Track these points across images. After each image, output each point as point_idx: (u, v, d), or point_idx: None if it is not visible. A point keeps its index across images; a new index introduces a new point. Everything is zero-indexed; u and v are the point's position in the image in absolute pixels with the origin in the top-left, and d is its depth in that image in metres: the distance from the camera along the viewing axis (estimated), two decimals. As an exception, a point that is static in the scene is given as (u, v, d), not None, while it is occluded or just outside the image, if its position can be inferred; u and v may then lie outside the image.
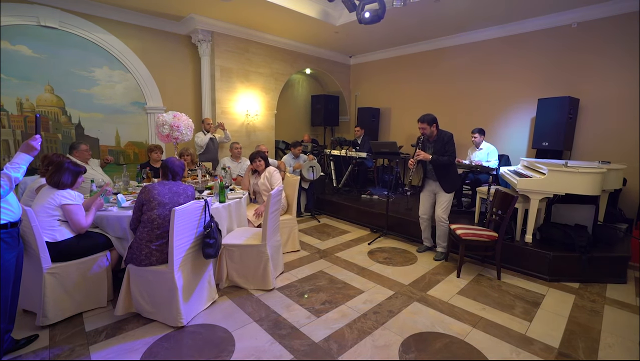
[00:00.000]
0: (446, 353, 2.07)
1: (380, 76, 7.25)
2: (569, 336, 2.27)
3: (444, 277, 3.19)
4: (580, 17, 4.58)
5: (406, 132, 6.77)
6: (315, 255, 3.71)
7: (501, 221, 3.16)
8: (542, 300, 2.78)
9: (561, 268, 3.16)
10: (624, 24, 4.27)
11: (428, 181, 3.64)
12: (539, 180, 3.32)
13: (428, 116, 3.41)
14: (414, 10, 4.58)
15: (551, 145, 4.62)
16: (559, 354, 2.08)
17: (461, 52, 5.89)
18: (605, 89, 4.51)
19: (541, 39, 4.98)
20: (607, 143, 4.51)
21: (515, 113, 5.38)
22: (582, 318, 2.51)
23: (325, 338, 2.20)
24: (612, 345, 2.19)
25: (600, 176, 3.15)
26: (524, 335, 2.28)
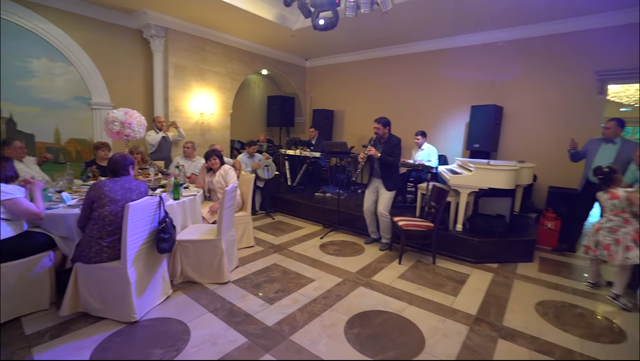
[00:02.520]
0: (385, 326, 2.37)
1: (334, 80, 7.59)
2: (484, 305, 2.71)
3: (388, 264, 3.54)
4: (506, 37, 5.28)
5: (358, 134, 7.17)
6: (270, 250, 3.87)
7: (436, 213, 3.58)
8: (467, 279, 3.23)
9: (484, 252, 3.67)
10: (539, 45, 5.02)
11: (373, 179, 3.99)
12: (467, 176, 3.82)
13: (384, 118, 3.79)
14: (364, 20, 4.92)
15: (482, 147, 5.25)
16: (475, 319, 2.49)
17: (407, 62, 6.42)
18: (524, 100, 5.24)
19: (474, 53, 5.63)
20: (525, 145, 5.24)
21: (453, 118, 6.01)
22: (496, 291, 2.99)
23: (278, 322, 2.39)
24: (516, 310, 2.66)
25: (514, 172, 3.72)
26: (450, 307, 2.67)
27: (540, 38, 5.01)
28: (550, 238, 4.20)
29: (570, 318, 2.59)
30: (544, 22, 4.85)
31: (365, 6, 3.91)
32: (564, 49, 4.86)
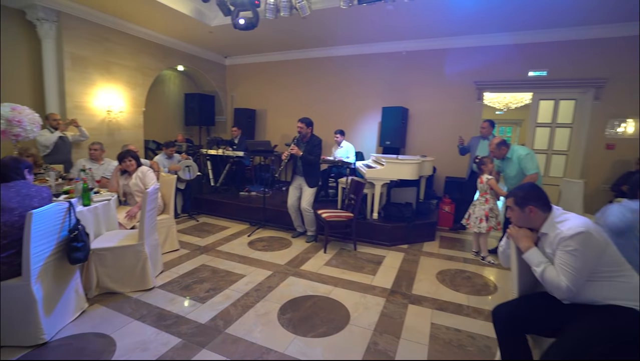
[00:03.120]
0: (314, 308, 2.60)
1: (256, 79, 7.59)
2: (397, 280, 3.17)
3: (314, 254, 3.80)
4: (409, 48, 6.03)
5: (281, 133, 7.33)
6: (196, 252, 3.79)
7: (355, 204, 3.97)
8: (384, 260, 3.69)
9: (396, 235, 4.21)
10: (433, 56, 5.88)
11: (296, 176, 4.21)
12: (381, 170, 4.31)
13: (307, 119, 4.02)
14: (285, 22, 5.06)
15: (392, 143, 5.91)
16: (390, 292, 2.90)
17: (328, 64, 6.81)
18: (424, 102, 6.08)
19: (383, 60, 6.30)
20: (426, 141, 6.08)
21: (367, 118, 6.61)
22: (407, 267, 3.50)
23: (211, 318, 2.42)
24: (422, 280, 3.18)
25: (418, 165, 4.34)
26: (369, 285, 3.05)
27: (434, 51, 5.87)
28: (447, 220, 5.02)
29: (461, 281, 3.20)
30: (436, 38, 5.70)
31: (284, 10, 4.08)
32: (451, 61, 5.79)
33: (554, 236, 1.55)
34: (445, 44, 5.75)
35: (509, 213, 1.75)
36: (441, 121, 5.97)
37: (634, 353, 1.38)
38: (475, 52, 5.62)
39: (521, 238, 1.67)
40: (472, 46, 5.61)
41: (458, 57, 5.74)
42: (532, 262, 1.60)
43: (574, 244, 1.45)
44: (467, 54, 5.68)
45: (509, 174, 3.67)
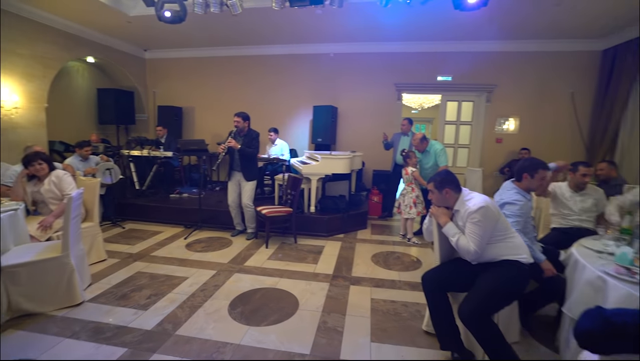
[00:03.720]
0: (264, 299, 2.70)
1: (183, 75, 7.18)
2: (338, 266, 3.44)
3: (256, 250, 3.86)
4: (336, 50, 6.38)
5: (212, 132, 7.09)
6: (129, 260, 3.53)
7: (293, 199, 4.14)
8: (323, 249, 3.94)
9: (333, 226, 4.51)
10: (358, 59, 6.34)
11: (234, 172, 4.20)
12: (316, 165, 4.55)
13: (244, 113, 4.07)
14: (215, 18, 4.90)
15: (324, 140, 6.22)
16: (332, 277, 3.15)
17: (260, 62, 6.80)
18: (351, 102, 6.52)
19: (313, 60, 6.55)
20: (355, 138, 6.54)
21: (300, 116, 6.81)
22: (345, 253, 3.80)
23: (158, 323, 2.34)
24: (359, 264, 3.51)
25: (349, 160, 4.69)
26: (313, 273, 3.25)
27: (359, 54, 6.34)
28: (377, 209, 5.52)
29: (392, 261, 3.62)
30: (361, 42, 6.17)
31: (214, 6, 4.01)
32: (374, 64, 6.33)
33: (464, 212, 1.94)
34: (370, 48, 6.26)
35: (430, 195, 2.10)
36: (367, 118, 6.49)
37: (520, 288, 1.88)
38: (395, 57, 6.25)
39: (440, 215, 2.04)
40: (393, 52, 6.22)
41: (381, 61, 6.31)
42: (449, 233, 1.97)
43: (478, 216, 1.85)
44: (388, 58, 6.27)
45: (426, 165, 4.28)
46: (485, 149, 6.27)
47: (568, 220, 2.86)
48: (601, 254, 1.94)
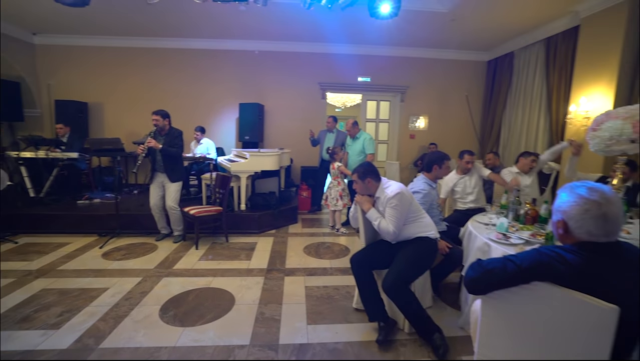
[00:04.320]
0: (198, 300, 2.64)
1: (88, 65, 6.35)
2: (272, 260, 3.52)
3: (185, 252, 3.70)
4: (260, 47, 6.36)
5: (127, 130, 6.44)
6: (27, 278, 3.06)
7: (222, 198, 4.06)
8: (256, 246, 3.96)
9: (264, 222, 4.55)
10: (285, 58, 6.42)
11: (157, 174, 3.94)
12: (245, 163, 4.53)
13: (162, 111, 3.81)
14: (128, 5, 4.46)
15: (251, 138, 6.18)
16: (267, 271, 3.22)
17: (182, 56, 6.41)
18: (278, 99, 6.59)
19: (238, 57, 6.43)
20: (283, 135, 6.64)
21: (226, 114, 6.63)
22: (277, 248, 3.90)
23: (76, 340, 2.12)
24: (292, 256, 3.64)
25: (278, 157, 4.78)
26: (247, 269, 3.28)
27: (284, 53, 6.45)
28: (306, 203, 5.72)
29: (323, 251, 3.84)
30: (286, 41, 6.27)
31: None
32: (299, 63, 6.51)
33: (383, 198, 2.20)
34: (295, 47, 6.41)
35: (354, 185, 2.33)
36: (294, 116, 6.65)
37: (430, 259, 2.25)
38: (319, 57, 6.51)
39: (364, 203, 2.28)
40: (317, 52, 6.47)
41: (305, 60, 6.51)
42: (372, 218, 2.22)
43: (395, 201, 2.13)
44: (312, 58, 6.51)
45: (354, 152, 4.72)
46: (401, 144, 6.97)
47: (467, 201, 3.42)
48: (487, 226, 2.40)
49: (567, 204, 1.17)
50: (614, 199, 1.12)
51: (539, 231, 2.23)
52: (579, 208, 1.13)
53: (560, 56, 4.91)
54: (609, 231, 1.11)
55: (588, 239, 1.13)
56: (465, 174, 3.43)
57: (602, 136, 2.17)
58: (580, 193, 1.14)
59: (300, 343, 2.13)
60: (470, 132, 7.00)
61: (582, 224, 1.13)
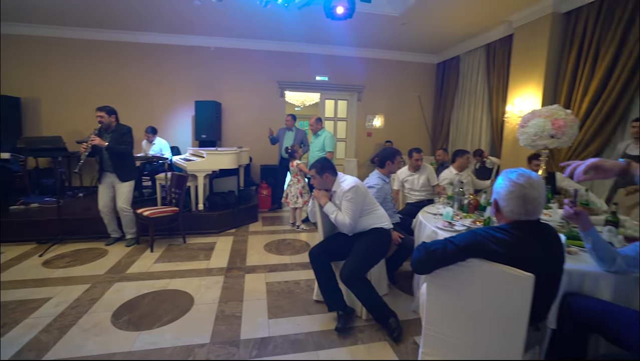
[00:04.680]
0: (155, 303, 2.55)
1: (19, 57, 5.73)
2: (232, 259, 3.48)
3: (139, 256, 3.53)
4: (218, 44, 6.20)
5: (69, 128, 5.92)
6: (-47, 292, 2.75)
7: (179, 198, 3.93)
8: (215, 245, 3.89)
9: (224, 222, 4.47)
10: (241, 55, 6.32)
11: (105, 173, 3.71)
12: (202, 162, 4.42)
13: (108, 107, 3.59)
14: None
15: (208, 136, 6.01)
16: (227, 269, 3.19)
17: (132, 50, 6.05)
18: (236, 97, 6.48)
19: (194, 53, 6.21)
20: (242, 133, 6.54)
21: (180, 112, 6.38)
22: (238, 247, 3.86)
23: (14, 354, 1.96)
24: (252, 254, 3.63)
25: (236, 155, 4.72)
26: (206, 268, 3.22)
27: (242, 50, 6.35)
28: (266, 202, 5.70)
29: (284, 247, 3.87)
30: (243, 38, 6.18)
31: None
32: (257, 61, 6.45)
33: (340, 192, 2.30)
34: (252, 45, 6.35)
35: (312, 180, 2.40)
36: (252, 114, 6.58)
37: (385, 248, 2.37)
38: (277, 56, 6.51)
39: (321, 197, 2.36)
40: (275, 50, 6.46)
41: (264, 58, 6.47)
42: (329, 211, 2.30)
43: (350, 194, 2.23)
44: (271, 56, 6.49)
45: (315, 148, 4.82)
46: (358, 142, 7.19)
47: (415, 195, 3.65)
48: (435, 216, 2.60)
49: (500, 187, 1.37)
50: (536, 184, 1.30)
51: (479, 218, 2.46)
52: (506, 189, 1.33)
53: (499, 61, 5.39)
54: (528, 210, 1.29)
55: (512, 217, 1.32)
56: (416, 171, 3.66)
57: (529, 132, 2.45)
58: (511, 177, 1.34)
59: (261, 337, 2.16)
60: (423, 130, 7.41)
61: (507, 203, 1.32)
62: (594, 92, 3.85)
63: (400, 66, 7.08)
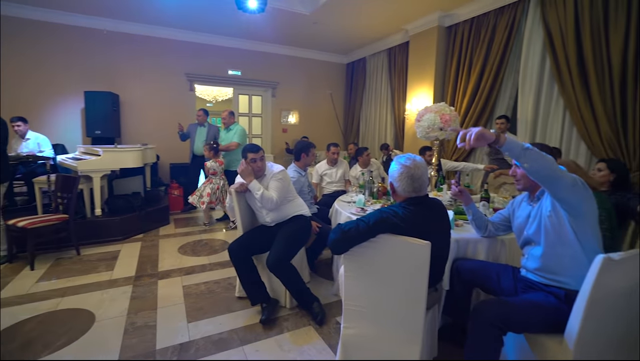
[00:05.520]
0: (42, 328, 2.15)
1: None
2: (141, 266, 3.15)
3: (15, 276, 2.92)
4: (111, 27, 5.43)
5: None
6: None
7: (68, 203, 3.37)
8: (119, 254, 3.46)
9: (128, 227, 4.00)
10: (141, 41, 5.67)
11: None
12: (97, 160, 3.86)
13: None
14: None
15: (104, 133, 5.26)
16: (135, 278, 2.88)
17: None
18: (137, 89, 5.80)
19: (82, 35, 5.34)
20: (146, 129, 5.90)
21: (64, 103, 5.43)
22: (147, 252, 3.50)
23: None
24: (165, 258, 3.35)
25: (141, 153, 4.26)
26: (110, 280, 2.84)
27: (143, 37, 5.70)
28: (178, 203, 5.28)
29: (200, 248, 3.67)
30: (143, 23, 5.56)
31: None
32: (162, 50, 5.88)
33: (269, 175, 2.36)
34: (156, 32, 5.76)
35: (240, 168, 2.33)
36: (158, 109, 6.01)
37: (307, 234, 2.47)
38: (185, 46, 6.05)
39: (246, 175, 2.31)
40: (182, 40, 5.99)
41: (170, 47, 5.94)
42: (255, 189, 2.27)
43: (280, 175, 2.34)
44: (178, 46, 5.99)
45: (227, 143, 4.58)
46: (274, 138, 7.20)
47: (332, 187, 3.86)
48: (349, 203, 2.79)
49: (393, 170, 1.60)
50: (419, 164, 1.56)
51: (387, 202, 2.74)
52: (398, 171, 1.56)
53: (398, 64, 6.01)
54: (416, 187, 1.54)
55: (405, 195, 1.56)
56: (334, 165, 3.88)
57: (423, 125, 2.82)
58: (401, 161, 1.58)
59: (180, 343, 2.02)
60: (336, 126, 7.82)
61: (400, 184, 1.55)
62: (470, 94, 4.63)
63: (313, 64, 7.32)
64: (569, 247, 1.45)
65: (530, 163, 1.34)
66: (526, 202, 1.70)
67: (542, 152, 1.35)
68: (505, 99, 4.41)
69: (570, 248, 1.44)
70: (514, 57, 4.24)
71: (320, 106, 7.56)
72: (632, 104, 3.12)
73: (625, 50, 3.12)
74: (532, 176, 1.40)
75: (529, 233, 1.60)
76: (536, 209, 1.58)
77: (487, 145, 1.42)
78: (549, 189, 1.42)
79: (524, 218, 1.67)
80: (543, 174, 1.36)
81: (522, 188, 1.64)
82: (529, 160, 1.34)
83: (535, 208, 1.59)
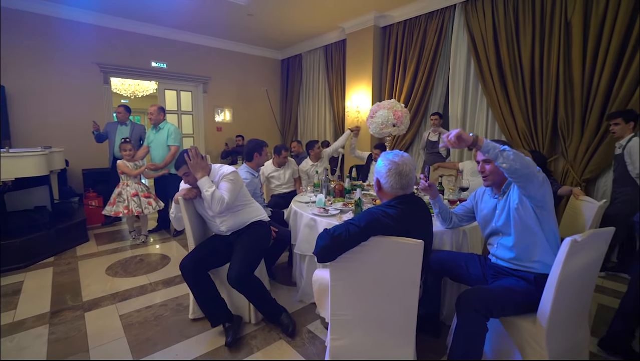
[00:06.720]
0: None
1: None
2: (56, 297, 2.55)
3: None
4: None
5: None
6: None
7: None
8: (22, 286, 2.77)
9: (33, 250, 3.24)
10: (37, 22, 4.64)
11: None
12: (-19, 170, 3.02)
13: None
14: None
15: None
16: (51, 314, 2.31)
17: None
18: (30, 81, 4.75)
19: None
20: (48, 131, 4.87)
21: None
22: (63, 280, 2.87)
23: None
24: (90, 284, 2.78)
25: (44, 157, 3.48)
26: (14, 322, 2.23)
27: (32, 14, 4.68)
28: (98, 215, 4.48)
29: (135, 266, 3.15)
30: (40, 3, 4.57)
31: None
32: (65, 33, 4.92)
33: (219, 175, 2.08)
34: (54, 11, 4.77)
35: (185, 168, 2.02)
36: (65, 104, 5.05)
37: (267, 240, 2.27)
38: (97, 31, 5.16)
39: (198, 171, 2.00)
40: (93, 24, 5.09)
41: (75, 31, 4.99)
42: (205, 186, 1.98)
43: (231, 176, 2.07)
44: (87, 30, 5.07)
45: (158, 144, 4.02)
46: (208, 137, 6.68)
47: (282, 189, 3.68)
48: (308, 204, 2.67)
49: (380, 167, 1.53)
50: (407, 160, 1.52)
51: (349, 200, 2.69)
52: (386, 168, 1.50)
53: (335, 62, 6.06)
54: (403, 184, 1.49)
55: (392, 192, 1.51)
56: (281, 167, 3.68)
57: (377, 122, 2.84)
58: (388, 157, 1.51)
59: (128, 387, 1.67)
60: (273, 124, 7.58)
61: (387, 180, 1.49)
62: (406, 92, 4.87)
63: (247, 59, 6.96)
64: (535, 235, 1.55)
65: (508, 163, 1.40)
66: (489, 195, 1.79)
67: (520, 154, 1.42)
68: (437, 97, 4.75)
69: (536, 235, 1.55)
70: (444, 59, 4.58)
71: (256, 103, 7.24)
72: (539, 101, 3.63)
73: (532, 55, 3.61)
74: (510, 175, 1.46)
75: (497, 224, 1.68)
76: (503, 202, 1.67)
77: (467, 147, 1.44)
78: (522, 187, 1.50)
79: (489, 210, 1.75)
80: (520, 174, 1.43)
81: (490, 183, 1.71)
82: (507, 160, 1.40)
83: (502, 201, 1.68)
